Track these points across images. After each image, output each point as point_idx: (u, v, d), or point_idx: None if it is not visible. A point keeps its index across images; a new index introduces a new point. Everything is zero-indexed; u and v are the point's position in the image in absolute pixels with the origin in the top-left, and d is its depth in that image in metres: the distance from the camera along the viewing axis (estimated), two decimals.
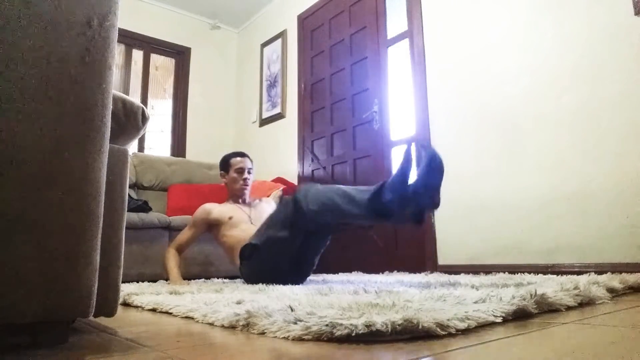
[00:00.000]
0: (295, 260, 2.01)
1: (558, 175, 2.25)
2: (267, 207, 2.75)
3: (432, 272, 2.61)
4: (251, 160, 2.69)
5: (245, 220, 2.49)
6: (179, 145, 4.65)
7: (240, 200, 2.61)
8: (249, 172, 2.61)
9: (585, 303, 1.18)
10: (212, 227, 2.48)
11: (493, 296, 1.10)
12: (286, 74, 4.29)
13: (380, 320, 0.77)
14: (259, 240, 2.04)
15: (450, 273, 2.42)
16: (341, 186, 1.82)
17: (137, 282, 2.51)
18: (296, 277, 2.05)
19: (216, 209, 2.49)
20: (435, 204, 1.64)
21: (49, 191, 0.76)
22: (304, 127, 3.97)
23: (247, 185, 2.60)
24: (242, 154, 2.69)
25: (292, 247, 1.95)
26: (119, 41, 0.98)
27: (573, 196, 2.19)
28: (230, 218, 2.44)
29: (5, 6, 0.74)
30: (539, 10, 2.42)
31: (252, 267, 2.10)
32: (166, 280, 2.47)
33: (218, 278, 2.91)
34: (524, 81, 2.44)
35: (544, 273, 2.10)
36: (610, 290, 1.35)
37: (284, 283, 1.91)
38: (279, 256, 1.99)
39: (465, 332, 0.82)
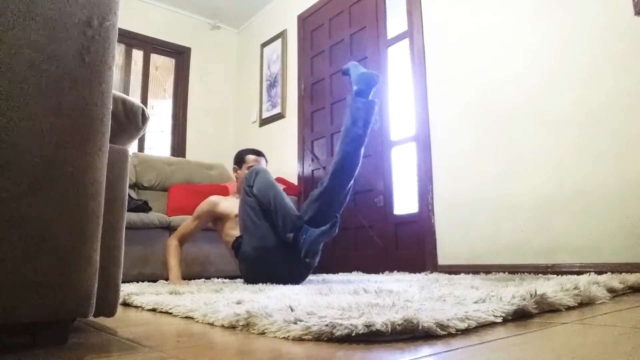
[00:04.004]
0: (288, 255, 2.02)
1: (558, 175, 2.25)
2: None
3: (432, 272, 2.61)
4: (267, 161, 2.67)
5: None
6: (179, 145, 4.65)
7: None
8: None
9: (585, 303, 1.18)
10: (217, 221, 2.46)
11: (493, 296, 1.10)
12: (286, 74, 4.29)
13: (380, 320, 0.77)
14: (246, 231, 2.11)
15: (450, 273, 2.43)
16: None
17: (137, 282, 2.50)
18: (293, 275, 2.06)
19: (223, 203, 2.47)
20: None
21: (48, 191, 0.75)
22: (304, 127, 3.97)
23: None
24: (258, 153, 2.68)
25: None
26: (119, 41, 0.98)
27: (573, 196, 2.19)
28: (236, 216, 2.44)
29: (5, 6, 0.74)
30: (539, 10, 2.42)
31: (244, 258, 2.12)
32: (166, 280, 2.46)
33: (218, 278, 2.91)
34: (524, 81, 2.44)
35: (544, 273, 2.11)
36: (610, 290, 1.35)
37: (280, 277, 1.93)
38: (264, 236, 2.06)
39: (466, 332, 0.82)
